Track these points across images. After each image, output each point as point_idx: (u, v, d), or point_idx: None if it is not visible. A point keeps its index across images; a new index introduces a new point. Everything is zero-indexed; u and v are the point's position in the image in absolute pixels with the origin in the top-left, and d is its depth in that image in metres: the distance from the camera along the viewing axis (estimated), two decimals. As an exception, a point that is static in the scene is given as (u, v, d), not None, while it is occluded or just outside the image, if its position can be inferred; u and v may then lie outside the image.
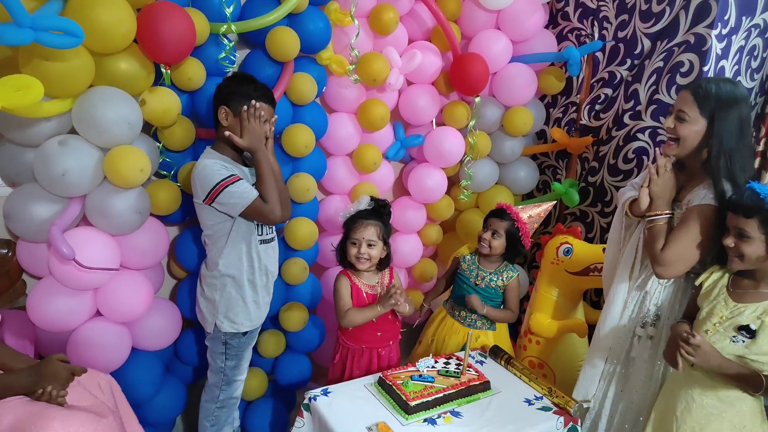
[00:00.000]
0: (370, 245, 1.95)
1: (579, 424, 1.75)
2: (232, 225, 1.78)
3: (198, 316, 1.91)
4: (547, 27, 2.67)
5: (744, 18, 2.15)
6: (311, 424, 1.72)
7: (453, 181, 2.69)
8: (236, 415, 2.12)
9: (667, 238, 1.64)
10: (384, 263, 2.02)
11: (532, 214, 2.16)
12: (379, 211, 1.99)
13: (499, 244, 2.12)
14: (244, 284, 1.85)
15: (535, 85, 2.56)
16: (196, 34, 1.76)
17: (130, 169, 1.63)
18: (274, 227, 1.94)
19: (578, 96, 2.63)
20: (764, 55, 2.26)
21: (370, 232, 1.94)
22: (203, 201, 1.73)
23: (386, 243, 2.00)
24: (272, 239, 1.93)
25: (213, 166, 1.72)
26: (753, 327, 1.44)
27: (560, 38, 2.66)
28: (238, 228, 1.79)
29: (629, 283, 1.82)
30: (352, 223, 1.96)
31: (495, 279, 2.15)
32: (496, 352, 2.03)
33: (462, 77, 2.40)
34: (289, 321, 2.21)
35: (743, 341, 1.45)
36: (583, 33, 2.58)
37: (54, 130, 1.63)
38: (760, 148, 2.28)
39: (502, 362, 1.99)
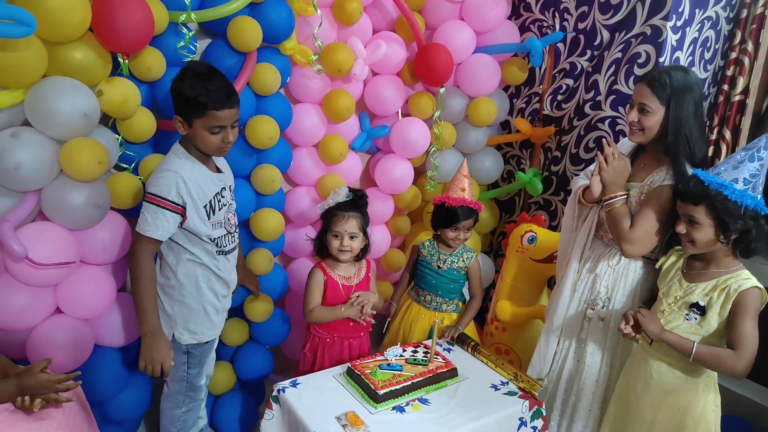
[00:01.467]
0: (352, 237, 1.95)
1: (543, 407, 1.81)
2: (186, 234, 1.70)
3: None
4: (510, 18, 2.70)
5: (697, 10, 2.22)
6: (281, 416, 1.72)
7: (419, 172, 2.71)
8: (203, 413, 2.09)
9: (634, 218, 1.71)
10: (362, 254, 2.02)
11: (466, 186, 2.17)
12: (358, 202, 1.98)
13: (470, 234, 2.19)
14: (204, 293, 1.76)
15: (498, 75, 2.59)
16: (154, 23, 1.72)
17: (87, 162, 1.59)
18: (234, 237, 1.84)
19: (541, 86, 2.68)
20: (716, 46, 2.34)
21: (351, 224, 1.94)
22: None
23: (365, 234, 2.00)
24: (233, 249, 1.83)
25: (172, 180, 1.60)
26: (702, 303, 1.53)
27: (522, 29, 2.70)
28: (194, 238, 1.71)
29: (579, 265, 1.89)
30: (331, 215, 1.95)
31: (456, 261, 2.19)
32: (463, 340, 2.07)
33: (427, 68, 2.41)
34: (254, 312, 2.20)
35: (695, 318, 1.54)
36: (545, 24, 2.62)
37: (6, 122, 1.57)
38: (713, 136, 2.37)
39: (469, 349, 2.03)
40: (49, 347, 1.66)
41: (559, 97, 2.60)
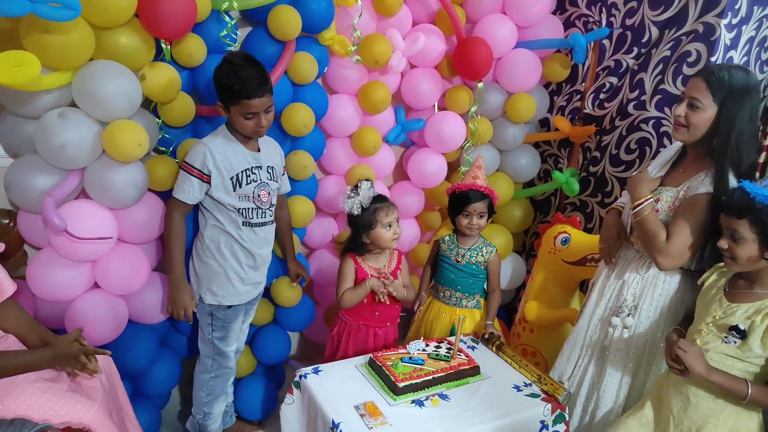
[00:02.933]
0: (397, 222, 2.01)
1: (566, 411, 1.77)
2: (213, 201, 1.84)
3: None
4: (554, 13, 2.63)
5: (756, 8, 2.11)
6: (301, 402, 1.75)
7: (453, 167, 2.68)
8: (230, 390, 2.16)
9: (669, 229, 1.63)
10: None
11: (479, 174, 2.17)
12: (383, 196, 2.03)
13: (484, 222, 2.17)
14: (226, 258, 1.88)
15: (539, 71, 2.53)
16: (197, 10, 1.75)
17: (128, 144, 1.65)
18: (267, 213, 1.93)
19: (583, 84, 2.60)
20: (774, 46, 2.22)
21: (396, 212, 2.01)
22: None
23: None
24: (262, 224, 1.92)
25: (201, 150, 1.77)
26: (742, 327, 1.42)
27: (567, 24, 2.63)
28: (219, 206, 1.84)
29: (608, 270, 1.83)
30: (376, 209, 1.96)
31: (475, 255, 2.17)
32: (488, 338, 2.05)
33: (465, 62, 2.38)
34: (281, 296, 2.24)
35: (735, 342, 1.43)
36: (591, 19, 2.54)
37: (54, 102, 1.65)
38: (767, 142, 2.25)
39: (494, 348, 2.01)
40: (86, 320, 1.74)
41: (602, 96, 2.52)
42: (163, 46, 1.77)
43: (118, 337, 1.84)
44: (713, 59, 2.07)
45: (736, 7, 2.05)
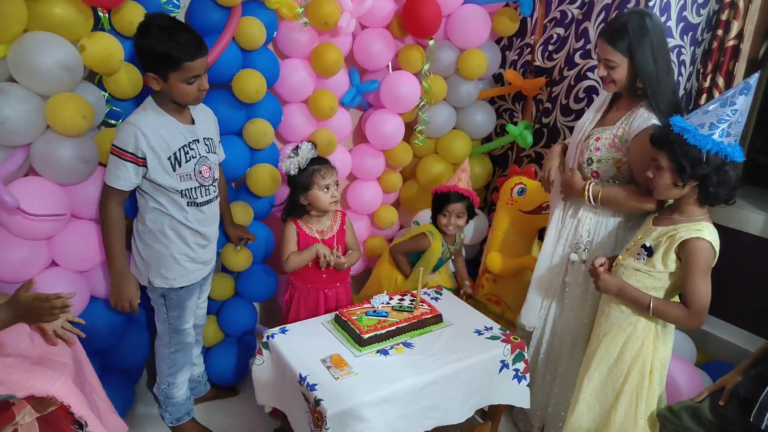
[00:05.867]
0: (336, 186, 2.02)
1: (525, 350, 1.86)
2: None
3: (132, 269, 1.86)
4: (501, -33, 2.64)
5: (691, -48, 2.16)
6: (270, 361, 1.79)
7: (411, 127, 2.71)
8: (198, 360, 2.19)
9: (636, 172, 1.69)
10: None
11: (462, 177, 2.35)
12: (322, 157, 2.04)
13: (463, 222, 2.31)
14: (172, 240, 1.80)
15: (488, 26, 2.55)
16: (132, -24, 1.71)
17: (72, 117, 1.62)
18: (210, 190, 1.86)
19: (532, 37, 2.64)
20: (709, -11, 2.28)
21: (335, 174, 2.01)
22: None
23: None
24: (207, 202, 1.85)
25: (131, 132, 1.65)
26: (648, 245, 1.57)
27: (514, -22, 2.64)
28: (159, 188, 1.75)
29: (562, 213, 1.91)
30: (314, 171, 1.97)
31: (456, 245, 2.40)
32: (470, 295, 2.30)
33: (415, 19, 2.38)
34: (233, 260, 2.22)
35: (643, 258, 1.58)
36: (536, -28, 2.56)
37: (-10, 78, 1.60)
38: (707, 84, 2.34)
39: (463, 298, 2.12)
40: (47, 298, 1.72)
41: (550, 48, 2.57)
42: (101, 14, 1.72)
43: (83, 313, 1.84)
44: (651, 3, 2.12)
45: (673, -49, 2.10)
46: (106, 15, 1.73)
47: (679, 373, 2.04)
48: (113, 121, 1.91)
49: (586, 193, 1.77)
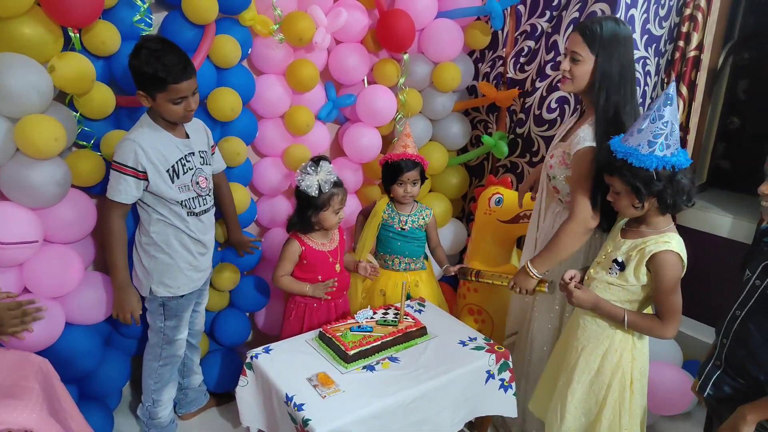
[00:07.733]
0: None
1: (510, 359, 1.87)
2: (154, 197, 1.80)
3: (134, 280, 1.90)
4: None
5: (652, -33, 2.24)
6: (255, 382, 1.77)
7: (388, 140, 2.72)
8: (198, 369, 2.21)
9: (572, 190, 1.73)
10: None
11: (409, 143, 2.25)
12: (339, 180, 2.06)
13: (417, 189, 2.25)
14: (177, 250, 1.87)
15: (461, 40, 2.59)
16: (103, -5, 1.69)
17: (43, 139, 1.58)
18: (207, 200, 1.94)
19: (504, 50, 2.69)
20: (671, 3, 2.37)
21: (345, 199, 2.04)
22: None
23: None
24: (205, 211, 1.93)
25: (131, 148, 1.71)
26: (620, 260, 1.59)
27: (485, -8, 2.69)
28: (161, 200, 1.81)
29: (538, 220, 1.95)
30: (331, 194, 1.97)
31: (416, 220, 2.29)
32: (464, 272, 2.15)
33: (389, 34, 2.40)
34: (222, 281, 2.26)
35: (615, 273, 1.60)
36: (506, -14, 2.62)
37: (-44, 101, 1.55)
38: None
39: (473, 277, 2.09)
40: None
41: (522, 60, 2.62)
42: (71, 34, 1.69)
43: (58, 341, 1.78)
44: (616, 16, 2.19)
45: (636, -34, 2.18)
46: (77, 35, 1.70)
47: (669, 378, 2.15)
48: (84, 143, 1.87)
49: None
